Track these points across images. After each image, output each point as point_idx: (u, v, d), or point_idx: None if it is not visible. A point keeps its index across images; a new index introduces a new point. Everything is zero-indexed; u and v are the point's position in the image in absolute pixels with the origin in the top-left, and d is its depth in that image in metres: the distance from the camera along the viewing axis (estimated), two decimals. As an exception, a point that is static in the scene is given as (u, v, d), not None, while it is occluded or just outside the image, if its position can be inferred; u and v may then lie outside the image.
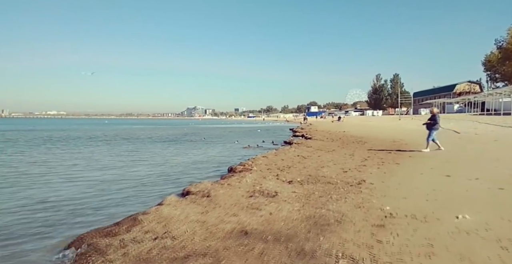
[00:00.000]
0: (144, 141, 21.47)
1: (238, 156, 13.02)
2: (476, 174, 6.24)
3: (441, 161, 8.49)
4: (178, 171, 9.49)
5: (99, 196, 6.35)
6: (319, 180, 6.21)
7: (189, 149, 16.07)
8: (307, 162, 8.91)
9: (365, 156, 10.16)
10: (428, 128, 10.92)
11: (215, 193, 4.46)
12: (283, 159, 9.35)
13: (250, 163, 8.01)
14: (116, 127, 48.15)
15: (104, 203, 5.83)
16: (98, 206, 5.62)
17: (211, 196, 4.39)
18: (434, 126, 10.73)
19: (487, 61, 59.51)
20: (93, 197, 6.29)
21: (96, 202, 5.92)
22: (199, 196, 4.52)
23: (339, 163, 8.78)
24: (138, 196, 6.35)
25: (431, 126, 10.82)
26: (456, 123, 24.09)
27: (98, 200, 6.05)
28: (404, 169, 7.54)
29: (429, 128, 10.90)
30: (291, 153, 11.17)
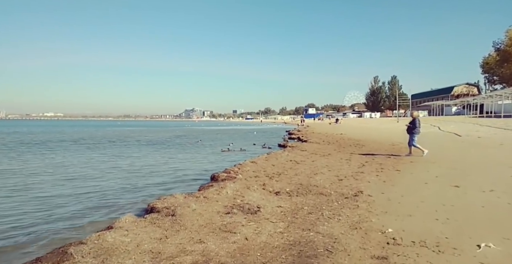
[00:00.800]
0: (130, 144, 20.53)
1: (228, 161, 12.11)
2: (489, 184, 5.50)
3: (446, 167, 7.76)
4: (153, 181, 8.26)
5: (33, 217, 5.09)
6: (310, 190, 5.45)
7: (175, 154, 15.10)
8: (300, 168, 8.15)
9: (363, 161, 9.41)
10: (409, 132, 10.58)
11: (182, 211, 3.66)
12: (273, 165, 8.58)
13: (236, 169, 7.22)
14: (108, 129, 47.16)
15: (37, 227, 4.59)
16: (26, 230, 4.41)
17: (176, 214, 3.58)
18: (414, 130, 10.38)
19: (485, 63, 59.04)
20: (25, 217, 5.04)
21: (26, 224, 4.71)
22: (163, 214, 3.69)
23: (335, 169, 8.02)
24: (86, 217, 5.09)
25: (411, 130, 10.48)
26: (457, 126, 23.44)
27: (29, 222, 4.80)
28: (406, 177, 6.79)
29: (409, 132, 10.56)
30: (284, 157, 10.40)
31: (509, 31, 50.78)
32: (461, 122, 27.26)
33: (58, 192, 6.90)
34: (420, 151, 10.35)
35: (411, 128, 10.54)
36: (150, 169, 10.40)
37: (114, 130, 43.42)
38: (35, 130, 43.46)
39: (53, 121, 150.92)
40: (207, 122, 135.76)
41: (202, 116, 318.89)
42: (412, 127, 10.51)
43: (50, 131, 40.66)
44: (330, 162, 9.39)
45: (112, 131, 38.99)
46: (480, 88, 70.24)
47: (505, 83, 56.70)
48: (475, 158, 9.27)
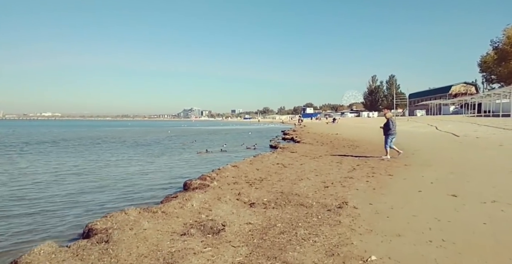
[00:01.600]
0: (113, 146, 19.44)
1: (211, 164, 11.21)
2: (490, 193, 4.90)
3: (443, 172, 7.16)
4: (114, 192, 7.06)
5: None
6: (290, 201, 4.83)
7: (156, 157, 14.02)
8: (286, 173, 7.53)
9: (354, 164, 8.81)
10: (384, 133, 10.27)
11: (119, 236, 2.97)
12: (258, 169, 7.95)
13: (214, 175, 6.58)
14: (100, 130, 46.19)
15: None
16: None
17: (111, 240, 2.87)
18: (389, 132, 10.05)
19: (482, 62, 58.62)
20: None
21: None
22: (94, 241, 3.01)
23: (323, 173, 7.41)
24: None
25: (385, 131, 10.17)
26: (454, 126, 22.90)
27: None
28: (398, 183, 6.18)
29: (384, 133, 10.26)
30: (271, 160, 9.78)
31: (507, 30, 50.36)
32: (459, 122, 26.73)
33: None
34: (396, 153, 10.21)
35: (385, 129, 10.17)
36: (118, 176, 9.28)
37: (106, 131, 42.63)
38: (22, 130, 42.35)
39: (50, 121, 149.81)
40: (204, 122, 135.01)
41: (200, 116, 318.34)
42: (386, 128, 10.15)
43: (37, 131, 39.77)
44: (320, 166, 8.79)
45: (103, 132, 38.13)
46: (478, 87, 69.86)
47: (503, 82, 56.31)
48: (474, 160, 8.68)
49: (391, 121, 10.09)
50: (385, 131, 10.20)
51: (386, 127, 10.15)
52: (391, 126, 10.02)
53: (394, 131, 10.11)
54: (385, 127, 10.24)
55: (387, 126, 10.11)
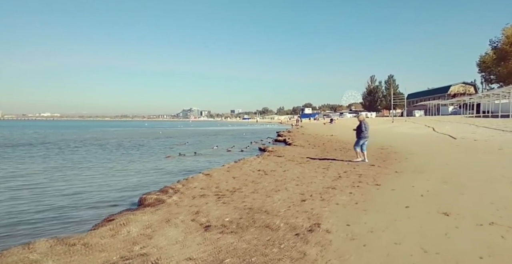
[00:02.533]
0: (88, 149, 18.28)
1: (186, 171, 10.20)
2: (489, 211, 4.21)
3: (436, 181, 6.46)
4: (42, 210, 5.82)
5: None
6: (255, 220, 4.14)
7: (129, 162, 12.75)
8: (264, 182, 6.82)
9: (341, 171, 8.11)
10: (356, 136, 10.08)
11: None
12: (234, 177, 7.24)
13: (179, 186, 5.87)
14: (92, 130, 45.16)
15: None
16: None
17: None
18: (361, 135, 9.85)
19: (481, 62, 57.94)
20: None
21: None
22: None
23: (304, 182, 6.71)
24: None
25: (358, 134, 9.98)
26: (452, 127, 22.23)
27: None
28: (384, 195, 5.48)
29: (356, 136, 10.07)
30: (253, 166, 9.09)
31: (506, 29, 49.74)
32: (457, 123, 26.07)
33: None
34: (362, 156, 9.97)
35: (358, 132, 9.94)
36: (65, 187, 7.88)
37: (96, 132, 41.68)
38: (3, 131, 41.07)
39: (47, 122, 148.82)
40: (201, 123, 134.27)
41: (199, 116, 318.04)
42: (358, 131, 9.91)
43: (21, 132, 38.99)
44: (304, 172, 8.09)
45: (92, 133, 36.97)
46: (476, 87, 69.27)
47: (502, 82, 55.67)
48: (471, 167, 7.98)
49: (363, 124, 9.85)
50: (358, 134, 9.95)
51: (359, 130, 9.91)
52: (363, 128, 9.77)
53: (367, 134, 9.86)
54: (357, 130, 9.98)
55: (360, 129, 9.86)
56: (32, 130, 46.27)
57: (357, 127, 10.10)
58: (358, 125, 10.06)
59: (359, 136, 9.91)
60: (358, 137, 9.92)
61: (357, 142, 9.97)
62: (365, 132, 9.81)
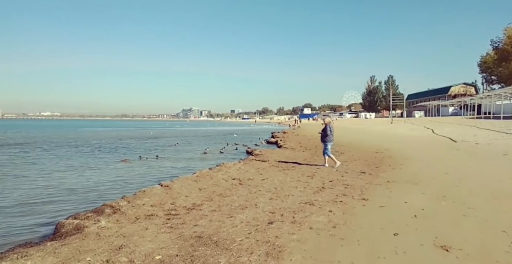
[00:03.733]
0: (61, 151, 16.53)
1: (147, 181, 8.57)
2: (501, 246, 3.27)
3: (432, 196, 5.51)
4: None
5: None
6: (194, 260, 3.18)
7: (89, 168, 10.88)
8: (233, 195, 5.87)
9: (327, 180, 7.18)
10: (322, 140, 9.57)
11: None
12: (200, 189, 6.27)
13: (123, 204, 4.81)
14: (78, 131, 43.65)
15: None
16: None
17: None
18: (326, 138, 9.37)
19: (482, 62, 56.91)
20: None
21: None
22: None
23: (280, 195, 5.77)
24: None
25: (323, 138, 9.47)
26: (452, 129, 21.27)
27: None
28: (370, 215, 4.53)
29: (322, 140, 9.58)
30: (229, 173, 8.14)
31: (508, 29, 48.71)
32: (457, 124, 25.11)
33: None
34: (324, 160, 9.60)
35: (323, 135, 9.42)
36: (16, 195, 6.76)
37: (84, 131, 40.60)
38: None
39: (45, 121, 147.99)
40: (198, 122, 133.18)
41: (199, 116, 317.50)
42: (323, 135, 9.39)
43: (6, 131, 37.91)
44: (285, 181, 7.15)
45: (79, 133, 35.56)
46: (477, 88, 68.26)
47: (503, 83, 54.68)
48: (473, 177, 7.02)
49: (329, 127, 9.39)
50: (323, 137, 9.43)
51: (324, 133, 9.39)
52: (328, 132, 9.31)
53: (332, 137, 9.44)
54: (323, 133, 9.45)
55: (325, 132, 9.37)
56: (17, 129, 45.12)
57: (322, 130, 9.52)
58: (323, 128, 9.48)
59: (324, 140, 9.37)
60: (324, 141, 9.39)
61: (326, 147, 9.42)
62: (330, 136, 9.34)
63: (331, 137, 9.40)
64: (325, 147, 9.44)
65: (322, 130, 9.57)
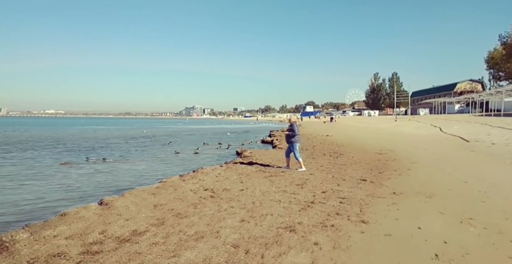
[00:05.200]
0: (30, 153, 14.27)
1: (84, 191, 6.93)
2: None
3: (454, 218, 4.17)
4: None
5: None
6: None
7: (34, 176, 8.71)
8: (195, 215, 4.55)
9: (319, 191, 5.87)
10: (287, 140, 8.67)
11: None
12: (155, 206, 4.93)
13: (23, 236, 3.36)
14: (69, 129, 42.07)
15: None
16: None
17: None
18: (293, 139, 8.46)
19: (490, 58, 54.94)
20: None
21: None
22: None
23: (256, 215, 4.46)
24: None
25: (289, 138, 8.55)
26: (462, 127, 19.79)
27: None
28: (370, 252, 3.21)
29: (287, 141, 8.67)
30: (204, 181, 6.84)
31: (517, 23, 46.85)
32: (466, 122, 23.59)
33: None
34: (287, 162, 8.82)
35: (289, 136, 8.49)
36: None
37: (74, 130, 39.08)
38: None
39: (47, 119, 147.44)
40: (198, 120, 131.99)
41: (202, 114, 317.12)
42: (290, 135, 8.47)
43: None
44: (268, 192, 5.85)
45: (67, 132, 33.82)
46: (484, 85, 66.32)
47: (511, 79, 52.85)
48: (502, 188, 5.66)
49: (295, 126, 8.54)
50: (289, 137, 8.50)
51: (291, 132, 8.49)
52: (296, 131, 8.46)
53: (299, 138, 8.58)
54: (289, 133, 8.54)
55: (293, 132, 8.48)
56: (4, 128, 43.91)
57: (287, 130, 8.66)
58: (289, 128, 8.63)
59: (291, 140, 8.44)
60: (291, 142, 8.45)
61: (294, 149, 8.44)
62: (297, 137, 8.47)
63: (299, 137, 8.54)
64: (293, 148, 8.46)
65: (287, 130, 8.67)
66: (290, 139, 8.47)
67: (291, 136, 8.46)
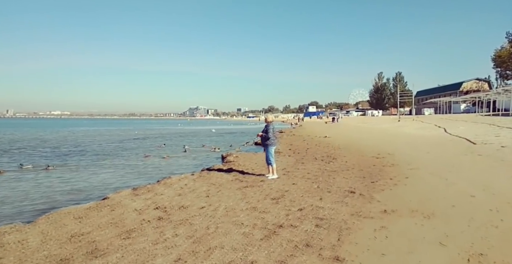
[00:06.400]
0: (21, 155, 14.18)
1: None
2: None
3: (459, 252, 3.14)
4: None
5: None
6: None
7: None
8: (116, 252, 3.48)
9: (295, 207, 4.87)
10: (262, 143, 7.74)
11: None
12: (73, 237, 3.79)
13: None
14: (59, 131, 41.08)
15: None
16: None
17: None
18: (267, 141, 7.44)
19: (497, 56, 53.15)
20: None
21: None
22: None
23: (201, 249, 3.47)
24: None
25: (263, 140, 7.55)
26: (468, 127, 18.61)
27: None
28: None
29: (262, 143, 7.68)
30: (163, 195, 5.87)
31: (525, 19, 45.30)
32: (472, 122, 22.37)
33: None
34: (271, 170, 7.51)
35: (263, 138, 7.51)
36: None
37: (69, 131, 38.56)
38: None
39: (51, 120, 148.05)
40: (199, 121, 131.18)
41: (206, 114, 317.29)
42: (264, 137, 7.47)
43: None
44: (234, 210, 4.87)
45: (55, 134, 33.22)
46: (491, 84, 64.59)
47: (519, 78, 51.23)
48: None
49: (270, 127, 7.47)
50: (263, 140, 7.54)
51: (265, 134, 7.47)
52: (270, 133, 7.40)
53: (274, 140, 7.54)
54: (263, 135, 7.53)
55: (267, 133, 7.44)
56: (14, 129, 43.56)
57: (263, 131, 7.56)
58: (264, 129, 7.54)
59: (266, 143, 7.46)
60: (265, 145, 7.47)
61: (268, 153, 7.44)
62: (273, 139, 7.46)
63: (274, 140, 7.48)
64: (267, 152, 7.49)
65: (262, 131, 7.59)
66: (265, 142, 7.48)
67: (265, 138, 7.46)
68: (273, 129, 7.55)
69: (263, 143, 7.67)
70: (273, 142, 7.50)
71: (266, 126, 7.61)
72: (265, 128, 7.59)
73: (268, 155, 7.49)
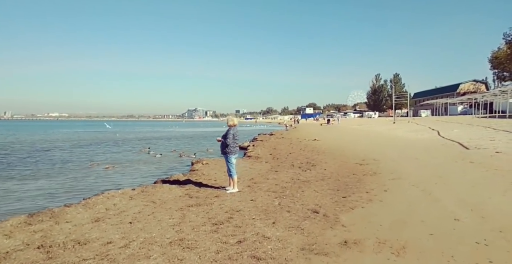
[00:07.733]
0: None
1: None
2: None
3: None
4: None
5: None
6: None
7: None
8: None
9: (234, 240, 3.85)
10: (221, 151, 6.56)
11: None
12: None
13: None
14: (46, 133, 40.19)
15: None
16: None
17: None
18: (226, 149, 6.36)
19: (494, 58, 52.36)
20: None
21: None
22: None
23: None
24: None
25: (223, 147, 6.46)
26: (462, 131, 17.68)
27: None
28: None
29: (222, 151, 6.54)
30: (69, 223, 4.86)
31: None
32: (467, 125, 21.47)
33: None
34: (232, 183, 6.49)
35: (222, 144, 6.46)
36: None
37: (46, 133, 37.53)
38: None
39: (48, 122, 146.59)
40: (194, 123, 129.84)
41: (204, 116, 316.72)
42: (223, 143, 6.42)
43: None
44: (146, 251, 3.87)
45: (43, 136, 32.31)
46: (488, 85, 63.88)
47: (516, 80, 50.45)
48: (507, 231, 3.64)
49: (231, 132, 6.34)
50: (222, 147, 6.45)
51: (223, 139, 6.42)
52: (230, 139, 6.31)
53: (235, 148, 6.45)
54: (222, 141, 6.48)
55: (226, 139, 6.37)
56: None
57: (223, 137, 6.48)
58: (225, 134, 6.44)
59: (225, 151, 6.36)
60: (225, 153, 6.37)
61: (227, 162, 6.38)
62: (234, 145, 6.40)
63: (235, 147, 6.43)
64: (226, 161, 6.43)
65: (222, 136, 6.51)
66: (223, 149, 6.43)
67: (223, 145, 6.42)
68: (233, 135, 6.41)
69: (222, 151, 6.58)
70: (233, 150, 6.42)
71: (228, 130, 6.52)
72: (226, 132, 6.50)
73: (228, 165, 6.48)
